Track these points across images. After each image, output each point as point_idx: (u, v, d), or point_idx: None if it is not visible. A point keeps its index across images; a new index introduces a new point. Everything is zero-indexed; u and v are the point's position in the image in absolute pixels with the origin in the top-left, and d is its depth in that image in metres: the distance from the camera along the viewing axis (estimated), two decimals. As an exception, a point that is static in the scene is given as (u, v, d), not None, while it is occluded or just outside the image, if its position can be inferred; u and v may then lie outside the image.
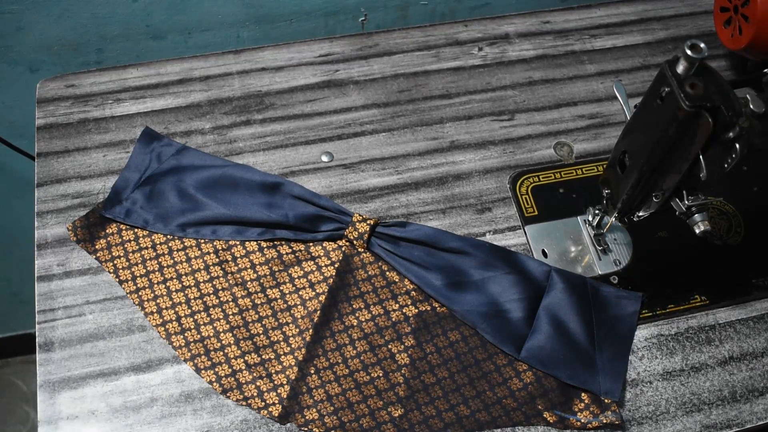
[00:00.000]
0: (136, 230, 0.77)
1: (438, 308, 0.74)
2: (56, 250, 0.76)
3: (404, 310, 0.74)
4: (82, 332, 0.72)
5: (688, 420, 0.70)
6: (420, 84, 0.91)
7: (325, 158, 0.84)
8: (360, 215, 0.76)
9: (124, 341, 0.71)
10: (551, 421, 0.69)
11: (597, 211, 0.76)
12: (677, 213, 0.66)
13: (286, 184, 0.78)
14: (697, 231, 0.65)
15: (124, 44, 0.95)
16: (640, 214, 0.70)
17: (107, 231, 0.76)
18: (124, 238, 0.76)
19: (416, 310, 0.74)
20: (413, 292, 0.75)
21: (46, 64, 0.94)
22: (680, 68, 0.58)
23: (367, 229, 0.75)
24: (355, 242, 0.76)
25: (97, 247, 0.76)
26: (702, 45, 0.57)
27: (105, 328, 0.72)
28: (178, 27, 0.94)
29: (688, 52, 0.57)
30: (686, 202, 0.64)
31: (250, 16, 0.95)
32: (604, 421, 0.68)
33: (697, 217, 0.65)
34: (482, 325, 0.72)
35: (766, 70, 0.63)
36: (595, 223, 0.77)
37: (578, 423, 0.68)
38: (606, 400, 0.69)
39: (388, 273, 0.76)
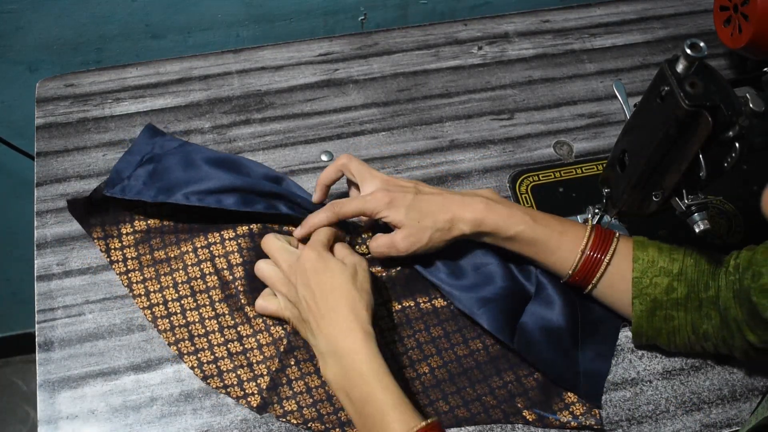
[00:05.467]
0: (132, 212, 0.76)
1: (422, 304, 0.74)
2: (56, 249, 0.76)
3: (387, 306, 0.74)
4: (82, 332, 0.72)
5: (687, 419, 0.71)
6: (419, 83, 0.91)
7: (324, 157, 0.84)
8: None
9: (123, 341, 0.71)
10: (530, 419, 0.69)
11: (597, 211, 0.76)
12: (677, 212, 0.66)
13: (287, 180, 0.79)
14: (697, 230, 0.65)
15: (123, 44, 0.95)
16: (640, 213, 0.70)
17: (103, 211, 0.76)
18: (119, 218, 0.76)
19: (399, 306, 0.74)
20: (398, 287, 0.75)
21: (45, 63, 0.94)
22: (680, 67, 0.58)
23: (369, 234, 0.75)
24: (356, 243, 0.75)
25: (91, 223, 0.75)
26: (702, 44, 0.57)
27: (105, 327, 0.72)
28: (177, 26, 0.94)
29: (688, 51, 0.57)
30: (686, 201, 0.64)
31: (250, 15, 0.95)
32: (584, 423, 0.68)
33: (696, 216, 0.65)
34: (478, 311, 0.71)
35: (765, 69, 0.63)
36: (594, 222, 0.77)
37: (557, 422, 0.68)
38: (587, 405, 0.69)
39: (372, 269, 0.75)
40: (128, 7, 0.90)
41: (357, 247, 0.75)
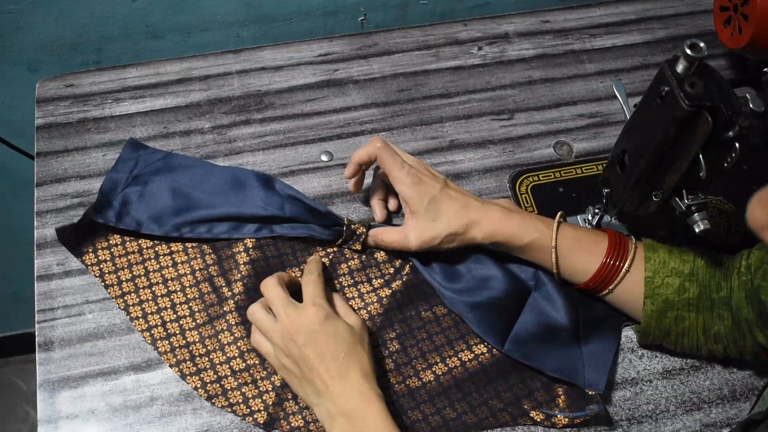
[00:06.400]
0: (123, 234, 0.75)
1: (423, 313, 0.74)
2: (56, 249, 0.76)
3: (389, 315, 0.73)
4: (82, 331, 0.72)
5: (687, 419, 0.71)
6: (419, 83, 0.91)
7: (324, 158, 0.84)
8: (349, 219, 0.76)
9: (123, 340, 0.71)
10: (538, 420, 0.69)
11: (597, 210, 0.76)
12: (677, 212, 0.66)
13: (278, 182, 0.78)
14: (697, 230, 0.65)
15: (123, 44, 0.95)
16: (640, 213, 0.70)
17: (94, 234, 0.75)
18: (111, 242, 0.75)
19: (401, 315, 0.74)
20: (398, 295, 0.74)
21: (45, 63, 0.94)
22: (680, 67, 0.58)
23: (363, 230, 0.75)
24: (351, 242, 0.75)
25: (83, 250, 0.74)
26: (702, 44, 0.57)
27: (104, 327, 0.72)
28: (177, 27, 0.94)
29: (688, 51, 0.57)
30: (686, 201, 0.64)
31: (250, 15, 0.95)
32: (590, 414, 0.68)
33: (696, 216, 0.65)
34: (468, 315, 0.72)
35: (765, 69, 0.63)
36: (594, 222, 0.77)
37: (566, 419, 0.68)
38: (590, 393, 0.69)
39: (369, 282, 0.75)
40: (128, 8, 0.90)
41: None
